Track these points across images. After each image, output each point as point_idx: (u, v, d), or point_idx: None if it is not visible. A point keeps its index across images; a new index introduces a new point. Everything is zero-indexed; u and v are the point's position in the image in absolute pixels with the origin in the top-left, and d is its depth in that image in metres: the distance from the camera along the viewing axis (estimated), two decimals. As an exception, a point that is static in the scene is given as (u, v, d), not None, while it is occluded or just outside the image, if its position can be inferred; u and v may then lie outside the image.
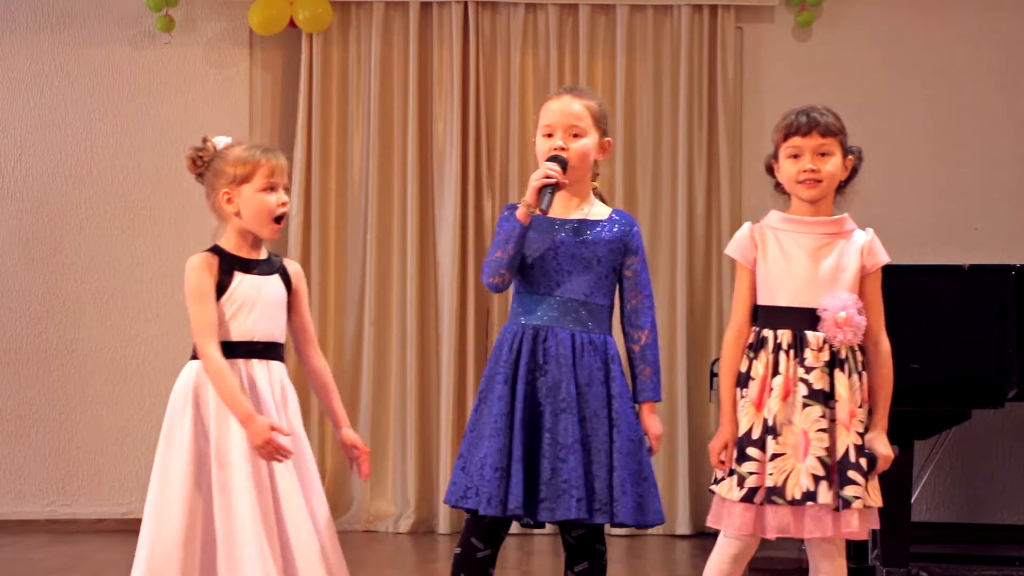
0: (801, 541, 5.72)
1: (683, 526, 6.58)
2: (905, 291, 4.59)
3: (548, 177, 3.40)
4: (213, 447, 3.30)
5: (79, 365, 6.78)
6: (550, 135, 3.49)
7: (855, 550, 5.25)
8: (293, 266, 3.55)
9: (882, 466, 3.31)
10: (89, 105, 6.84)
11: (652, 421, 3.47)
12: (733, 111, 6.76)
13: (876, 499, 3.31)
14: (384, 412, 6.76)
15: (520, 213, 3.42)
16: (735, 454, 3.33)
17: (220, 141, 3.51)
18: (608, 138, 3.56)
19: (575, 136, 3.48)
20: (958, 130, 6.82)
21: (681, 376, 6.63)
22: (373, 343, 6.74)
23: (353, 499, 6.74)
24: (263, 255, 3.48)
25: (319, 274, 6.75)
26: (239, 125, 6.83)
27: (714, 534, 6.58)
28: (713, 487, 3.39)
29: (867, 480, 3.26)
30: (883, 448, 3.31)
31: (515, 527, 3.76)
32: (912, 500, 4.61)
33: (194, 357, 3.39)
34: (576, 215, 3.51)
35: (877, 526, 3.34)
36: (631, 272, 3.51)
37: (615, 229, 3.50)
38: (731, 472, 3.33)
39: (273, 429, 3.24)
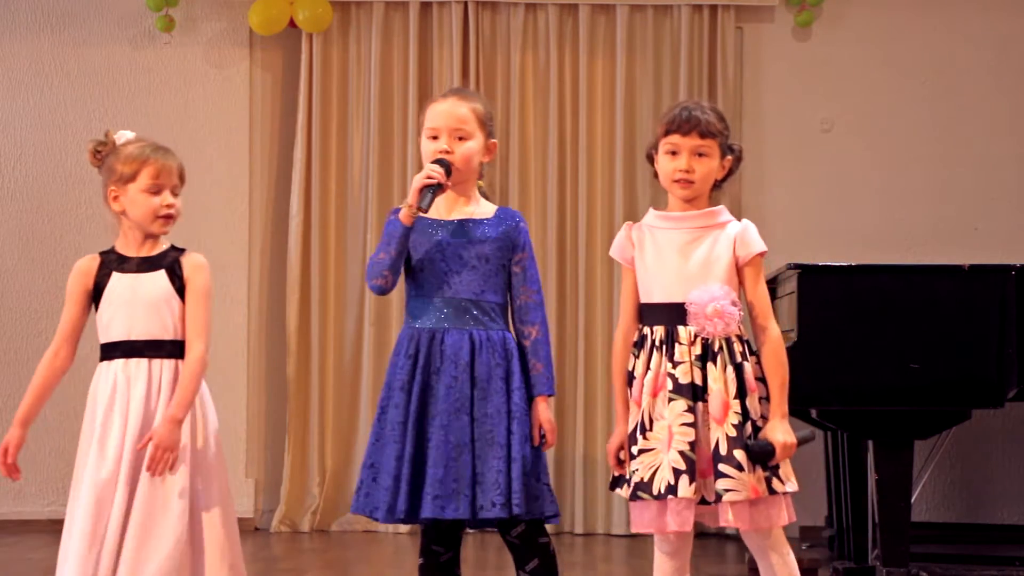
0: (800, 541, 5.71)
1: (683, 526, 6.57)
2: (905, 291, 4.60)
3: (430, 178, 3.42)
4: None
5: (79, 365, 6.73)
6: (435, 137, 3.51)
7: (855, 550, 5.25)
8: (192, 259, 3.44)
9: (781, 454, 3.23)
10: (89, 105, 6.84)
11: (545, 415, 3.48)
12: (733, 111, 6.75)
13: (783, 486, 3.25)
14: (384, 412, 6.74)
15: (402, 214, 3.44)
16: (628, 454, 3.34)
17: (121, 136, 3.46)
18: (494, 140, 3.59)
19: (460, 139, 3.50)
20: (958, 130, 6.82)
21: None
22: (373, 343, 6.74)
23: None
24: (157, 250, 3.43)
25: (319, 274, 6.75)
26: (239, 125, 6.84)
27: (716, 534, 6.57)
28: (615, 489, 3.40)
29: (754, 471, 3.21)
30: (781, 436, 3.24)
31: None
32: (912, 500, 4.61)
33: (102, 359, 3.46)
34: (460, 215, 3.53)
35: (792, 518, 3.31)
36: (519, 268, 3.53)
37: (500, 227, 3.53)
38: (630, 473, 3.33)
39: (5, 451, 3.49)
